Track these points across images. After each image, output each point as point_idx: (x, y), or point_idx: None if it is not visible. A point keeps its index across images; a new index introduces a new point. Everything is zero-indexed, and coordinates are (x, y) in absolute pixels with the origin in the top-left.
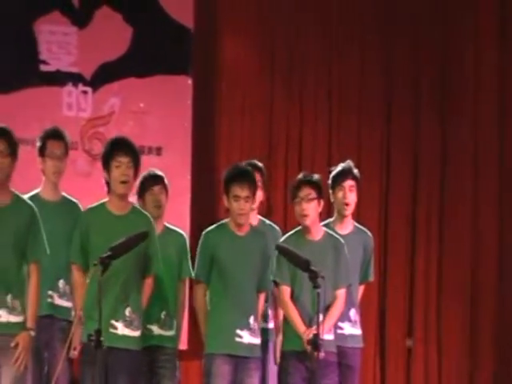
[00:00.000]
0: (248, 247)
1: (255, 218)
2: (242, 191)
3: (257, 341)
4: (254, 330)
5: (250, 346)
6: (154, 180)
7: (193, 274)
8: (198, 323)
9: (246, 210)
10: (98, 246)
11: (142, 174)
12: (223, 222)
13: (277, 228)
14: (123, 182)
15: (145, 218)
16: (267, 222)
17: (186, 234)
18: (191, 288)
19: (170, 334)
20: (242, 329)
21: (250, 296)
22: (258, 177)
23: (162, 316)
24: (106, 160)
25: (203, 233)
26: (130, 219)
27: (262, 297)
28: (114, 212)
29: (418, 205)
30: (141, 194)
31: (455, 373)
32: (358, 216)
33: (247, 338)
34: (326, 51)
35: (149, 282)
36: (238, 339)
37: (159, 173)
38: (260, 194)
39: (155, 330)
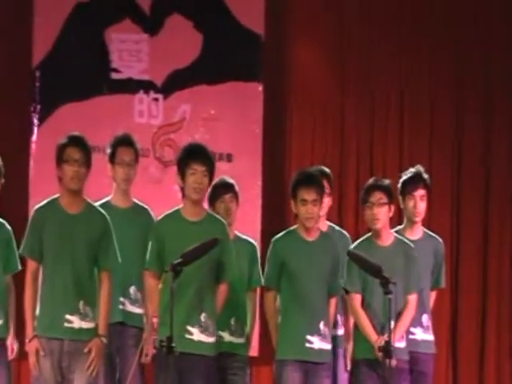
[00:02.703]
0: (317, 252)
1: (324, 225)
2: (309, 195)
3: (327, 346)
4: (324, 336)
5: (321, 351)
6: (225, 188)
7: (263, 283)
8: (268, 330)
9: (314, 214)
10: (173, 253)
11: (214, 181)
12: (292, 228)
13: (346, 234)
14: (197, 189)
15: (219, 224)
16: (337, 228)
17: (256, 240)
18: (262, 295)
19: (240, 341)
20: (312, 334)
21: (320, 301)
22: (325, 183)
23: (232, 323)
24: (181, 166)
25: (272, 240)
26: (205, 225)
27: (333, 301)
28: (188, 218)
29: (490, 211)
30: (211, 201)
31: None
32: (429, 222)
33: (317, 343)
34: (396, 56)
35: (223, 289)
36: (308, 345)
37: (230, 181)
38: (328, 200)
39: (226, 336)
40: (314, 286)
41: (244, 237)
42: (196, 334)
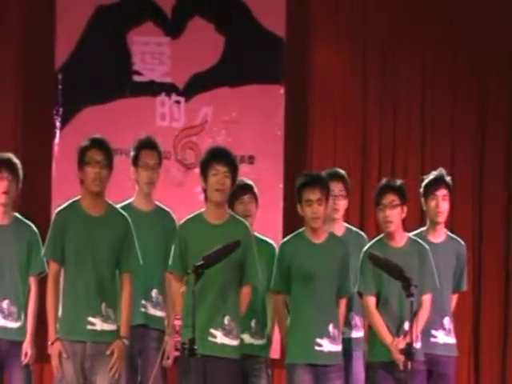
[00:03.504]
0: (325, 254)
1: (342, 227)
2: (313, 194)
3: (337, 348)
4: (333, 338)
5: (330, 353)
6: (243, 189)
7: (271, 286)
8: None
9: (320, 214)
10: (196, 256)
11: None
12: (299, 230)
13: (364, 235)
14: (219, 190)
15: (242, 226)
16: (354, 229)
17: (278, 242)
18: None
19: (261, 342)
20: (321, 337)
21: (329, 303)
22: (340, 186)
23: (253, 324)
24: (204, 168)
25: (280, 243)
26: (228, 228)
27: (343, 302)
28: (211, 221)
29: None
30: (231, 203)
31: None
32: (451, 225)
33: (327, 346)
34: (418, 58)
35: (246, 291)
36: (317, 348)
37: (249, 182)
38: (344, 203)
39: (247, 338)
40: (322, 288)
41: (263, 238)
42: (219, 337)
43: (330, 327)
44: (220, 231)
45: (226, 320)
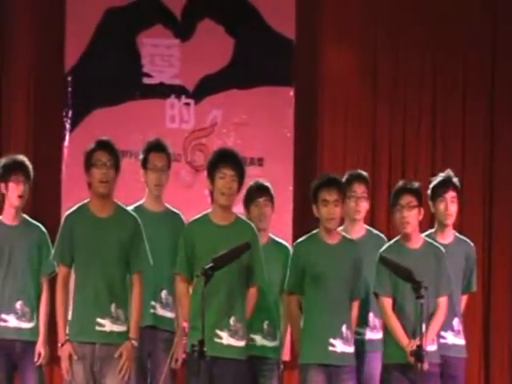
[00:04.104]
0: (339, 255)
1: (362, 229)
2: (330, 195)
3: (350, 349)
4: (346, 339)
5: (343, 354)
6: (259, 191)
7: (285, 287)
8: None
9: (336, 215)
10: (202, 257)
11: (249, 184)
12: (314, 232)
13: (384, 237)
14: (226, 194)
15: (249, 228)
16: (374, 231)
17: (288, 244)
18: None
19: (273, 344)
20: (334, 338)
21: (342, 304)
22: (362, 187)
23: (265, 326)
24: (211, 170)
25: (294, 244)
26: (234, 230)
27: (356, 304)
28: (217, 223)
29: None
30: (246, 204)
31: None
32: (460, 226)
33: (340, 346)
34: (428, 58)
35: (253, 292)
36: (330, 348)
37: (265, 184)
38: (366, 205)
39: (258, 340)
40: (336, 290)
41: (279, 240)
42: (225, 338)
43: (343, 328)
44: (226, 232)
45: (232, 321)
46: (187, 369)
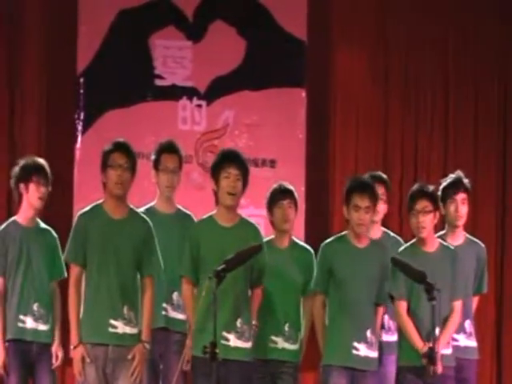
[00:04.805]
0: (366, 259)
1: (379, 231)
2: (362, 201)
3: (374, 354)
4: (371, 343)
5: (367, 358)
6: (282, 194)
7: (311, 287)
8: (313, 336)
9: (366, 221)
10: (207, 259)
11: (273, 186)
12: (342, 233)
13: (401, 240)
14: (230, 194)
15: (253, 229)
16: (391, 234)
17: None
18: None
19: (293, 347)
20: (359, 341)
21: (367, 309)
22: (382, 190)
23: (286, 328)
24: (215, 171)
25: (322, 244)
26: (239, 231)
27: (380, 310)
28: (222, 224)
29: None
30: (270, 207)
31: None
32: (473, 227)
33: (364, 350)
34: (441, 61)
35: (258, 293)
36: (354, 352)
37: (289, 187)
38: (384, 207)
39: (280, 342)
40: (361, 294)
41: (301, 243)
42: (232, 340)
43: (368, 332)
44: (232, 234)
45: (239, 323)
46: (194, 370)
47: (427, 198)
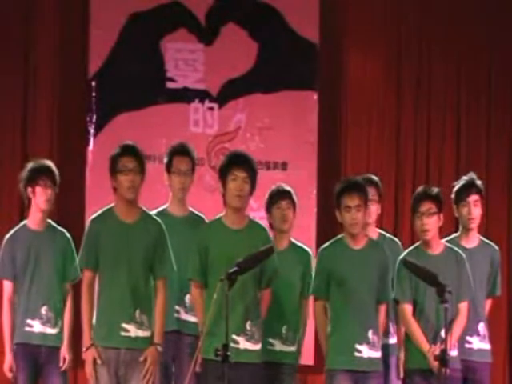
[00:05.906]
0: (365, 260)
1: (374, 232)
2: (352, 201)
3: (377, 354)
4: (373, 344)
5: (370, 360)
6: (281, 195)
7: (311, 292)
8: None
9: (359, 220)
10: (216, 262)
11: (271, 188)
12: (339, 237)
13: (397, 241)
14: (238, 196)
15: (262, 231)
16: (387, 235)
17: (311, 248)
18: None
19: (291, 349)
20: (361, 343)
21: (368, 309)
22: (373, 191)
23: (284, 331)
24: (223, 173)
25: (319, 249)
26: (248, 233)
27: (383, 309)
28: (230, 226)
29: None
30: (268, 207)
31: None
32: (486, 229)
33: (366, 352)
34: (453, 64)
35: (267, 295)
36: (357, 354)
37: (287, 188)
38: (377, 208)
39: (277, 345)
40: (362, 295)
41: (299, 244)
42: (242, 343)
43: (370, 333)
44: (240, 236)
45: (248, 325)
46: (205, 373)
47: (431, 200)
